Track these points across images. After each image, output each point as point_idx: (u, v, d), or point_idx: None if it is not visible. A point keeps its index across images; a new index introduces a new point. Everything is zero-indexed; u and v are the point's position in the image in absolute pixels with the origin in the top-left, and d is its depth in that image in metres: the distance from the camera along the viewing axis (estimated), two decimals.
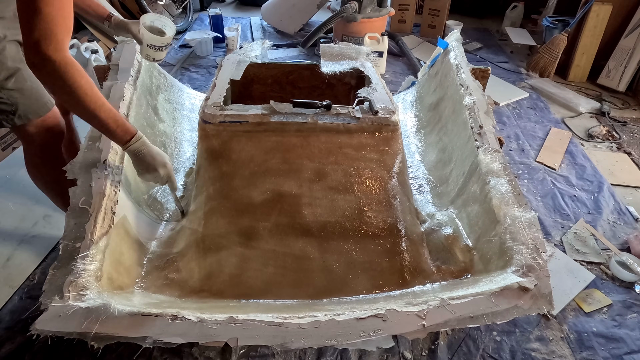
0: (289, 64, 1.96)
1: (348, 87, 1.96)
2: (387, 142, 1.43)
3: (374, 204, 1.35)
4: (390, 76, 3.08)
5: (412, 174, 1.67)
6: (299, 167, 1.37)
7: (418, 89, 2.10)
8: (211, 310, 0.95)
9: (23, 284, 1.48)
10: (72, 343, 1.19)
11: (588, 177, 2.08)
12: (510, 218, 1.12)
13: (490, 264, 1.15)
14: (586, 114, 2.67)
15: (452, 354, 1.29)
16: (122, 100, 1.40)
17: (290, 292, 1.20)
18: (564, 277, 1.54)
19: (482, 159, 1.31)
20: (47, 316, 0.86)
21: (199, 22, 4.17)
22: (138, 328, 0.86)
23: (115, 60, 1.58)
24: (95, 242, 1.01)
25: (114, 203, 1.13)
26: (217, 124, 1.38)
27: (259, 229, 1.29)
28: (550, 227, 1.78)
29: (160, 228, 1.35)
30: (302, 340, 0.86)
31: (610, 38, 2.92)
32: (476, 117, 1.45)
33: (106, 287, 0.99)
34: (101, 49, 2.82)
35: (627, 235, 1.73)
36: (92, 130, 1.27)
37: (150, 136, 1.53)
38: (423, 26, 3.83)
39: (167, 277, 1.19)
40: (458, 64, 1.74)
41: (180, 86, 2.05)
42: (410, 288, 1.21)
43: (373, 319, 0.90)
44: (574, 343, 1.33)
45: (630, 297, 1.49)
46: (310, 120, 1.39)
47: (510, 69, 3.23)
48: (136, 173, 1.22)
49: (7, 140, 1.97)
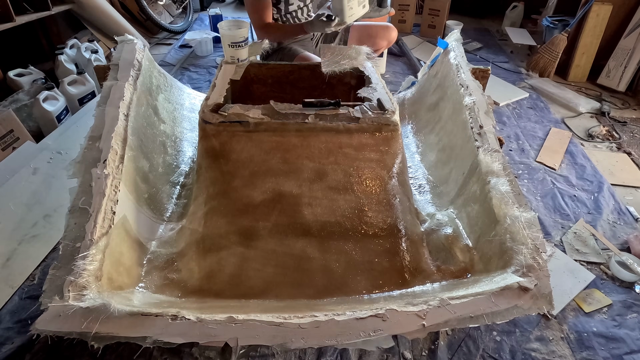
0: (289, 64, 1.96)
1: (348, 87, 1.96)
2: (387, 142, 1.43)
3: (374, 204, 1.35)
4: (390, 76, 3.08)
5: (412, 174, 1.67)
6: (299, 167, 1.37)
7: (418, 89, 2.10)
8: (211, 310, 0.95)
9: (23, 284, 1.48)
10: (72, 343, 1.20)
11: (588, 177, 2.08)
12: (510, 218, 1.12)
13: (490, 264, 1.15)
14: (586, 114, 2.67)
15: (452, 354, 1.29)
16: (122, 100, 1.39)
17: (290, 292, 1.20)
18: (564, 277, 1.54)
19: (482, 159, 1.31)
20: (47, 316, 0.86)
21: (199, 22, 4.17)
22: (138, 328, 0.86)
23: (115, 60, 1.58)
24: (95, 242, 1.01)
25: (114, 203, 1.13)
26: (217, 124, 1.38)
27: (259, 229, 1.29)
28: (550, 227, 1.78)
29: (160, 228, 1.35)
30: (302, 340, 0.86)
31: (610, 38, 2.92)
32: (476, 117, 1.45)
33: (106, 287, 0.99)
34: (101, 49, 2.82)
35: (627, 235, 1.73)
36: (92, 130, 1.27)
37: (150, 136, 1.53)
38: (423, 26, 3.84)
39: (167, 277, 1.19)
40: (458, 64, 1.74)
41: (180, 86, 2.05)
42: (410, 288, 1.21)
43: (373, 318, 0.90)
44: (574, 343, 1.33)
45: (630, 297, 1.49)
46: (310, 120, 1.39)
47: (510, 69, 3.23)
48: (136, 170, 1.22)
49: (7, 141, 1.97)
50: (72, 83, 2.38)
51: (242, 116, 1.38)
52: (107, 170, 1.17)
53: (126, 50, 1.63)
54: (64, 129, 2.16)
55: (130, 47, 1.65)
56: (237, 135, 1.39)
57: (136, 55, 1.62)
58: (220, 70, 1.70)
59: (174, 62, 3.25)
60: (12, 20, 2.32)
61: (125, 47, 1.65)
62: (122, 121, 1.33)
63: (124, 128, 1.32)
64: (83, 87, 2.41)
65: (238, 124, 1.39)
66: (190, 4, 4.10)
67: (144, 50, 1.70)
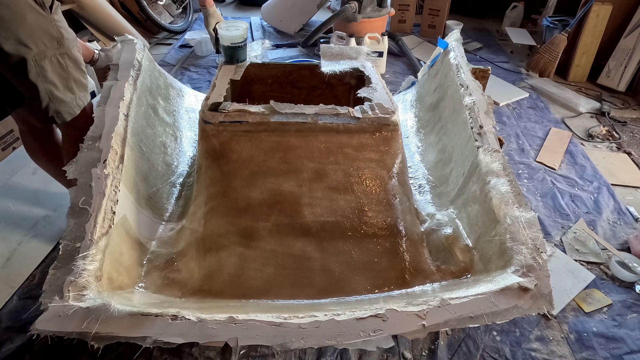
0: (289, 64, 1.96)
1: (348, 87, 1.96)
2: (387, 142, 1.43)
3: (374, 204, 1.35)
4: (390, 76, 3.08)
5: (412, 174, 1.67)
6: (299, 167, 1.37)
7: (418, 89, 2.10)
8: (211, 310, 0.95)
9: (23, 284, 1.48)
10: (72, 343, 1.20)
11: (588, 177, 2.08)
12: (510, 218, 1.12)
13: (490, 264, 1.15)
14: (586, 114, 2.67)
15: (452, 354, 1.29)
16: (122, 100, 1.39)
17: (290, 292, 1.20)
18: (564, 277, 1.54)
19: (482, 159, 1.31)
20: (47, 316, 0.86)
21: (199, 22, 4.17)
22: (138, 328, 0.86)
23: (116, 60, 1.58)
24: (95, 242, 1.01)
25: (114, 203, 1.13)
26: (217, 124, 1.38)
27: (259, 229, 1.29)
28: (550, 227, 1.78)
29: (160, 228, 1.35)
30: (302, 340, 0.86)
31: (610, 38, 2.91)
32: (476, 117, 1.45)
33: (106, 287, 0.99)
34: None
35: (627, 235, 1.73)
36: (92, 130, 1.27)
37: (150, 136, 1.53)
38: (423, 26, 3.83)
39: (167, 277, 1.19)
40: (458, 64, 1.74)
41: (180, 86, 2.04)
42: (410, 288, 1.21)
43: (373, 318, 0.90)
44: (574, 343, 1.33)
45: (630, 297, 1.49)
46: (310, 120, 1.39)
47: (510, 69, 3.22)
48: (136, 170, 1.22)
49: (7, 140, 1.97)
50: None
51: (242, 116, 1.38)
52: (107, 170, 1.17)
53: (126, 51, 1.63)
54: None
55: (130, 47, 1.65)
56: (237, 135, 1.39)
57: (136, 55, 1.61)
58: (220, 71, 1.70)
59: (174, 62, 3.25)
60: None
61: (125, 47, 1.65)
62: (122, 121, 1.33)
63: (124, 128, 1.32)
64: None
65: (238, 124, 1.38)
66: (190, 4, 4.10)
67: (144, 50, 1.70)
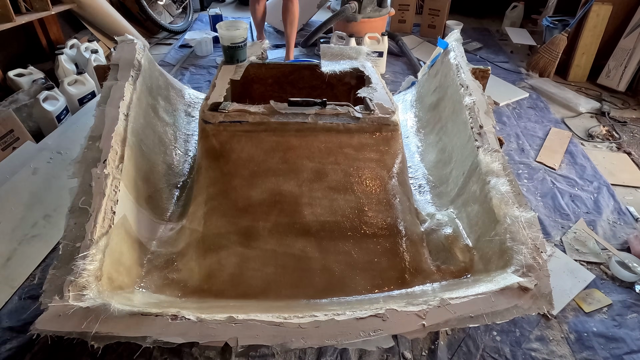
0: (289, 64, 1.96)
1: (348, 87, 1.96)
2: (387, 142, 1.43)
3: (374, 204, 1.35)
4: (390, 76, 3.08)
5: (412, 174, 1.67)
6: (299, 167, 1.37)
7: (418, 89, 2.10)
8: (211, 310, 0.95)
9: (23, 284, 1.48)
10: (72, 343, 1.20)
11: (588, 177, 2.08)
12: (510, 218, 1.12)
13: (490, 263, 1.15)
14: (586, 114, 2.67)
15: (452, 354, 1.29)
16: (122, 100, 1.39)
17: (290, 292, 1.20)
18: (564, 277, 1.54)
19: (482, 159, 1.31)
20: (47, 316, 0.86)
21: (199, 22, 4.17)
22: (138, 328, 0.86)
23: (115, 60, 1.58)
24: (95, 242, 1.01)
25: (114, 203, 1.13)
26: (217, 124, 1.38)
27: (259, 228, 1.29)
28: (550, 227, 1.78)
29: (160, 228, 1.35)
30: (302, 340, 0.86)
31: (610, 38, 2.92)
32: (476, 117, 1.45)
33: (106, 287, 0.99)
34: (101, 49, 2.82)
35: (627, 235, 1.73)
36: (92, 130, 1.27)
37: (150, 136, 1.53)
38: (423, 26, 3.84)
39: (167, 277, 1.19)
40: (458, 64, 1.74)
41: (180, 86, 2.05)
42: (410, 288, 1.21)
43: (373, 318, 0.90)
44: (574, 343, 1.33)
45: (630, 297, 1.49)
46: (310, 120, 1.39)
47: (510, 69, 3.23)
48: (136, 169, 1.22)
49: (7, 141, 1.97)
50: (72, 83, 2.38)
51: (242, 116, 1.38)
52: (107, 170, 1.17)
53: (126, 50, 1.63)
54: (64, 129, 2.16)
55: (130, 47, 1.65)
56: (237, 135, 1.39)
57: (136, 55, 1.62)
58: (220, 71, 1.70)
59: (174, 62, 3.25)
60: (12, 20, 2.31)
61: (125, 47, 1.65)
62: (122, 121, 1.33)
63: (124, 128, 1.32)
64: (83, 87, 2.41)
65: (238, 123, 1.38)
66: (190, 4, 4.10)
67: (144, 50, 1.71)
